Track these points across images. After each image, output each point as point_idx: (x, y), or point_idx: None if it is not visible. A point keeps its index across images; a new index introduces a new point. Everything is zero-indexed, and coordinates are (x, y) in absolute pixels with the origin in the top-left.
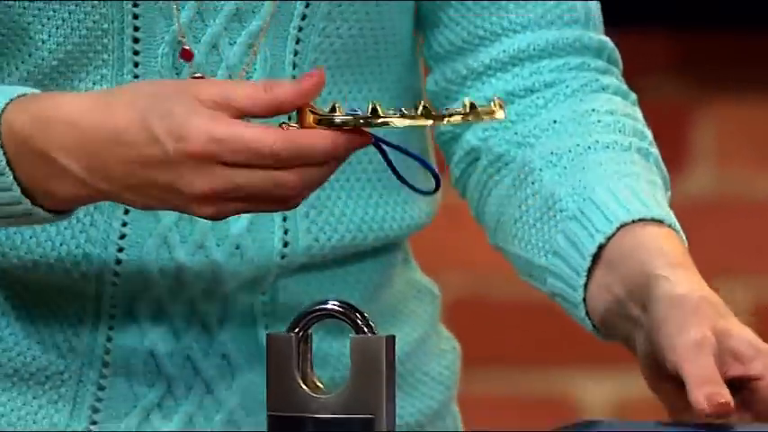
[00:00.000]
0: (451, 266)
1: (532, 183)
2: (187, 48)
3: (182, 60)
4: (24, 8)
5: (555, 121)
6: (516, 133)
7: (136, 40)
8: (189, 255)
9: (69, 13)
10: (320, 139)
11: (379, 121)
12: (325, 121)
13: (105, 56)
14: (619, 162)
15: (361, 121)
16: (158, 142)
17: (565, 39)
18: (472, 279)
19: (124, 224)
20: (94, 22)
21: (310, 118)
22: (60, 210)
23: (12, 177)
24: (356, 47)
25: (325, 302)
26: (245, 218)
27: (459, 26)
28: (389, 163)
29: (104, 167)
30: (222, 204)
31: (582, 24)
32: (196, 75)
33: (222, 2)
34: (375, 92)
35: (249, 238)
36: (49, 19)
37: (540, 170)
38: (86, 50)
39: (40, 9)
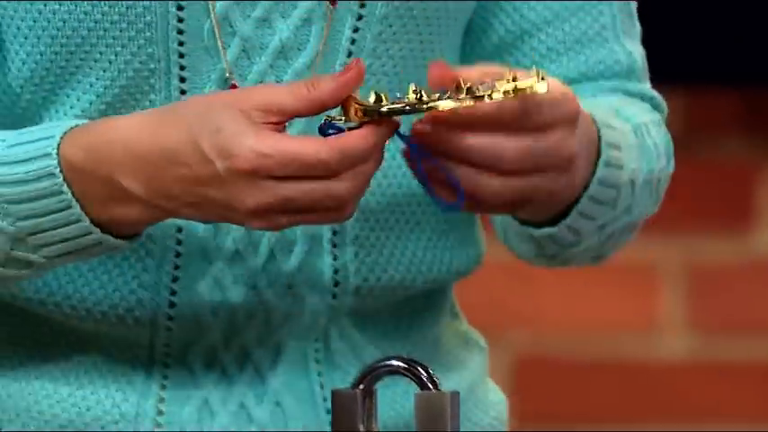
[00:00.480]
0: (516, 325)
1: None
2: (235, 84)
3: None
4: (71, 53)
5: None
6: None
7: (182, 80)
8: (241, 296)
9: (116, 55)
10: (361, 139)
11: (425, 106)
12: (370, 112)
13: (152, 96)
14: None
15: (407, 108)
16: (209, 161)
17: (603, 89)
18: (536, 337)
19: (176, 267)
20: (141, 63)
21: (354, 110)
22: (126, 235)
23: (79, 209)
24: (402, 86)
25: (390, 359)
26: (295, 257)
27: None
28: (417, 167)
29: (163, 186)
30: (275, 217)
31: (624, 77)
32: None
33: (268, 39)
34: None
35: (300, 278)
36: (96, 61)
37: None
38: (134, 92)
39: (87, 52)
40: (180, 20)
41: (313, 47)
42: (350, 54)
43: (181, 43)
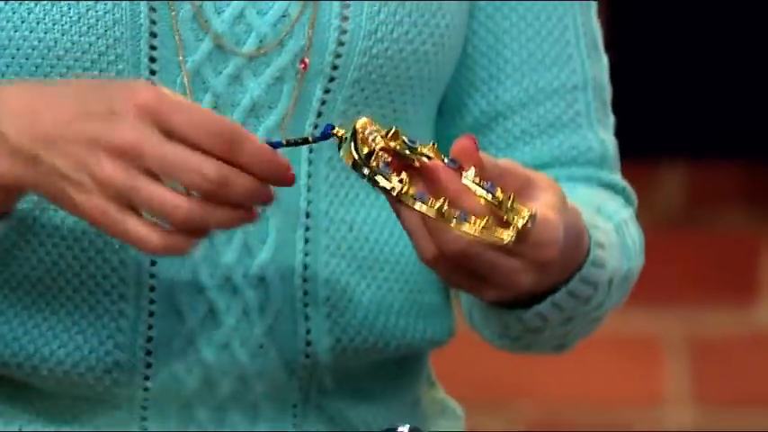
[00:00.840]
0: (518, 397)
1: None
2: None
3: None
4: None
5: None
6: None
7: None
8: (215, 355)
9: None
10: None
11: (401, 190)
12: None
13: None
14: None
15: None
16: (107, 98)
17: (573, 177)
18: (538, 411)
19: (150, 327)
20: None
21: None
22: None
23: None
24: None
25: (395, 428)
26: (268, 317)
27: None
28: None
29: (34, 125)
30: (134, 172)
31: (596, 165)
32: None
33: (240, 96)
34: None
35: (272, 337)
36: None
37: None
38: None
39: None
40: (152, 72)
41: (284, 106)
42: (320, 114)
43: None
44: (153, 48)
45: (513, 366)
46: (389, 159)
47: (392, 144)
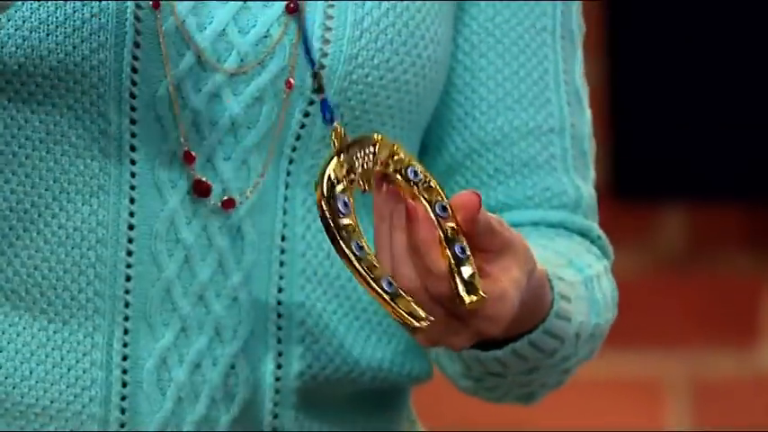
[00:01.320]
0: None
1: None
2: (191, 153)
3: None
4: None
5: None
6: None
7: (132, 148)
8: (186, 374)
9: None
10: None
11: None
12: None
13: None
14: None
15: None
16: None
17: (549, 220)
18: None
19: (125, 344)
20: (92, 122)
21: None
22: None
23: None
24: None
25: None
26: (240, 338)
27: None
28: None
29: None
30: None
31: (570, 209)
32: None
33: (218, 115)
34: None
35: (243, 358)
36: (47, 114)
37: None
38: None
39: (38, 103)
40: (134, 82)
41: (262, 126)
42: (298, 137)
43: (133, 108)
44: (135, 58)
45: (510, 406)
46: (350, 200)
47: (391, 168)
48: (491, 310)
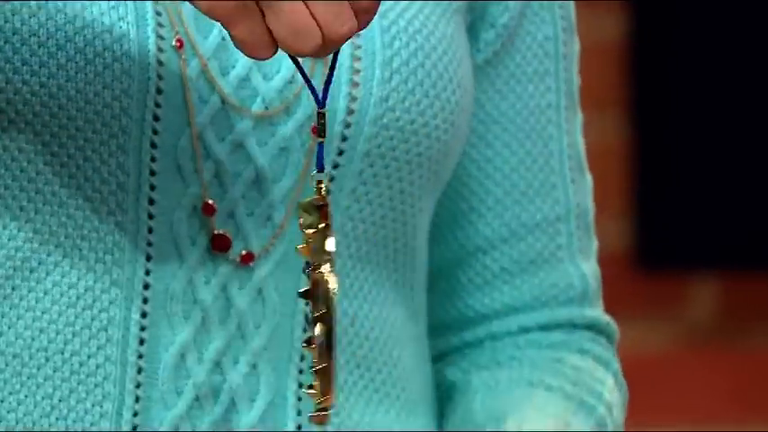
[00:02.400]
0: None
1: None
2: (212, 205)
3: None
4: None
5: (513, 358)
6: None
7: (151, 202)
8: None
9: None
10: None
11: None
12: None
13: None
14: (548, 403)
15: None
16: None
17: (557, 320)
18: None
19: (135, 414)
20: (109, 174)
21: None
22: None
23: None
24: (378, 232)
25: None
26: (258, 408)
27: (449, 303)
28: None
29: None
30: None
31: (577, 303)
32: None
33: (242, 166)
34: (388, 289)
35: (261, 427)
36: (62, 166)
37: (476, 392)
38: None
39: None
40: (155, 131)
41: (289, 179)
42: (328, 192)
43: (153, 158)
44: (157, 105)
45: None
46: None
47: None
48: None
